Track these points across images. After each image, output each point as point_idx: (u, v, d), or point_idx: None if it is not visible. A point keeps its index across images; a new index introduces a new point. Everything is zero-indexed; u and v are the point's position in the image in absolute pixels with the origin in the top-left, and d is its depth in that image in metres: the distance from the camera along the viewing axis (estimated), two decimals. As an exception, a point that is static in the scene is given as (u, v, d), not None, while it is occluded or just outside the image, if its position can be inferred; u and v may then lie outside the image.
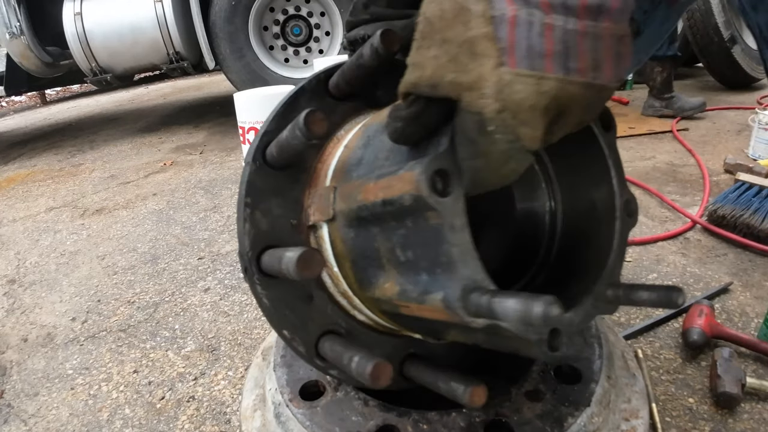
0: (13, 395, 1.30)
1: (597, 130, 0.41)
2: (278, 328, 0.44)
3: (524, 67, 0.28)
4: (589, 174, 0.43)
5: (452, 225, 0.30)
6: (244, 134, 2.63)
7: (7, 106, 7.43)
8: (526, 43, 0.27)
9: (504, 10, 0.27)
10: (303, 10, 3.77)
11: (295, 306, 0.44)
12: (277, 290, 0.45)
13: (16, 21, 3.49)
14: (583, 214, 0.44)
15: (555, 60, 0.27)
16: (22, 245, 2.23)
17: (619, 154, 0.42)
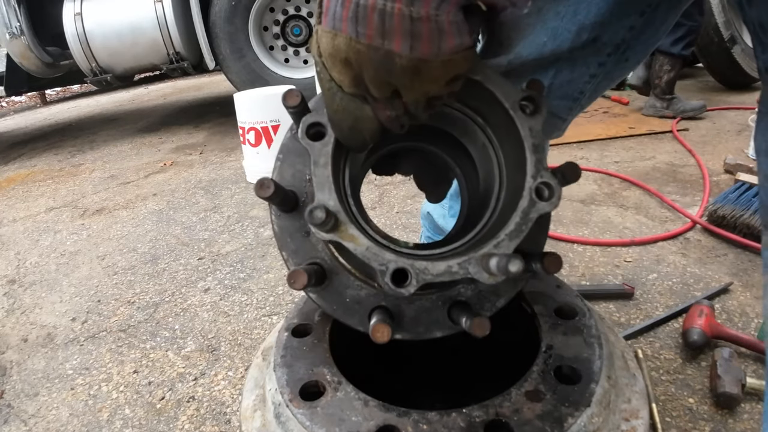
0: (13, 395, 1.30)
1: (515, 114, 0.45)
2: (280, 249, 0.55)
3: (328, 26, 0.38)
4: (517, 159, 0.47)
5: (317, 162, 0.41)
6: (244, 134, 2.64)
7: (7, 106, 7.44)
8: (333, 9, 0.37)
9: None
10: (303, 10, 3.77)
11: (294, 236, 0.54)
12: (285, 221, 0.55)
13: (16, 21, 3.49)
14: (513, 197, 0.48)
15: (348, 23, 0.36)
16: (22, 245, 2.23)
17: (544, 139, 0.45)
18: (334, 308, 0.52)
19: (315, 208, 0.38)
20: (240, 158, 3.00)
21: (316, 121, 0.44)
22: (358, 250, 0.39)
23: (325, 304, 0.53)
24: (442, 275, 0.37)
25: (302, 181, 0.57)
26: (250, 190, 2.54)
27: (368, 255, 0.38)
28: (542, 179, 0.41)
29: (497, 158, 0.53)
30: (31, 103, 7.45)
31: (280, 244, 0.54)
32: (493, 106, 0.47)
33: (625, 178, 2.18)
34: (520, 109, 0.45)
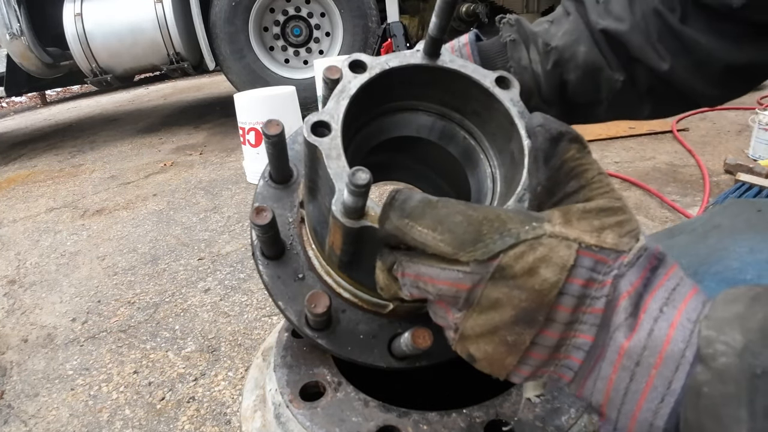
0: (13, 396, 1.30)
1: (496, 90, 0.46)
2: (275, 300, 0.51)
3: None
4: (504, 131, 0.47)
5: (329, 155, 0.40)
6: (244, 135, 2.64)
7: (8, 106, 7.44)
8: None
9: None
10: (303, 10, 3.77)
11: (288, 282, 0.52)
12: (274, 269, 0.52)
13: (16, 22, 3.49)
14: (510, 167, 0.48)
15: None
16: (23, 246, 2.23)
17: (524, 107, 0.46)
18: (348, 349, 0.49)
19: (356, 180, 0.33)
20: (240, 159, 3.00)
21: (319, 120, 0.43)
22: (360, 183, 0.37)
23: (338, 348, 0.49)
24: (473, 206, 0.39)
25: (284, 225, 0.54)
26: (251, 191, 2.54)
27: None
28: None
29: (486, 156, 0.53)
30: (31, 104, 7.45)
31: (273, 293, 0.51)
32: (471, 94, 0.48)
33: (625, 179, 2.18)
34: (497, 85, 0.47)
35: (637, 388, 0.31)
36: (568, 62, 0.59)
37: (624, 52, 0.57)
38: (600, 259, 0.33)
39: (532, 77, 0.61)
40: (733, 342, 0.28)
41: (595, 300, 0.33)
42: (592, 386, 0.34)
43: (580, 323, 0.33)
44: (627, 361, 0.32)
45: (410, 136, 0.55)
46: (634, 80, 0.58)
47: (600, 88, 0.59)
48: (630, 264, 0.33)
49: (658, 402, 0.30)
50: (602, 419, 0.34)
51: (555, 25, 0.62)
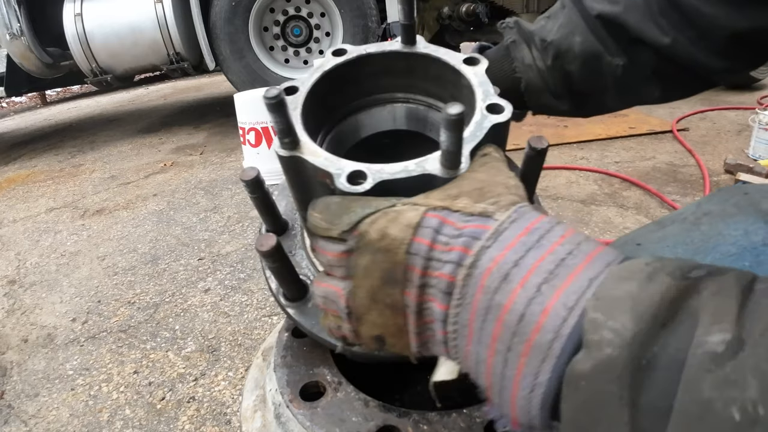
0: (13, 396, 1.30)
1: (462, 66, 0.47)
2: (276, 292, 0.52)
3: None
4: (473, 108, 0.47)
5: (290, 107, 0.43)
6: (244, 135, 2.64)
7: (8, 106, 7.44)
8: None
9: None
10: (303, 10, 3.77)
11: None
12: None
13: (16, 22, 3.49)
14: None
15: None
16: (23, 246, 2.23)
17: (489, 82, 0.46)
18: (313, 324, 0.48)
19: (279, 125, 0.40)
20: (240, 159, 3.00)
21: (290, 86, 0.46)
22: (317, 161, 0.40)
23: (304, 321, 0.48)
24: (399, 173, 0.37)
25: (294, 210, 0.56)
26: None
27: (326, 163, 0.39)
28: (491, 101, 0.42)
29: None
30: (31, 104, 7.45)
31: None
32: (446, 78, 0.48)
33: (625, 178, 2.18)
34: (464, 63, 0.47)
35: (510, 374, 0.29)
36: (566, 54, 0.60)
37: (622, 35, 0.57)
38: (446, 220, 0.33)
39: (537, 74, 0.61)
40: (623, 329, 0.24)
41: (442, 264, 0.32)
42: (475, 368, 0.32)
43: (430, 287, 0.33)
44: (500, 345, 0.29)
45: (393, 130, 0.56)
46: (637, 62, 0.58)
47: (602, 75, 0.59)
48: (497, 233, 0.31)
49: (529, 391, 0.28)
50: (489, 403, 0.32)
51: (551, 20, 0.63)
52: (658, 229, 0.56)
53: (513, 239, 0.30)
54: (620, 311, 0.25)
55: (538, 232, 0.30)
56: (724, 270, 0.26)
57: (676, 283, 0.25)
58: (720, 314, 0.23)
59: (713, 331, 0.22)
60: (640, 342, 0.24)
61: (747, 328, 0.22)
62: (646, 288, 0.25)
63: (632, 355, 0.24)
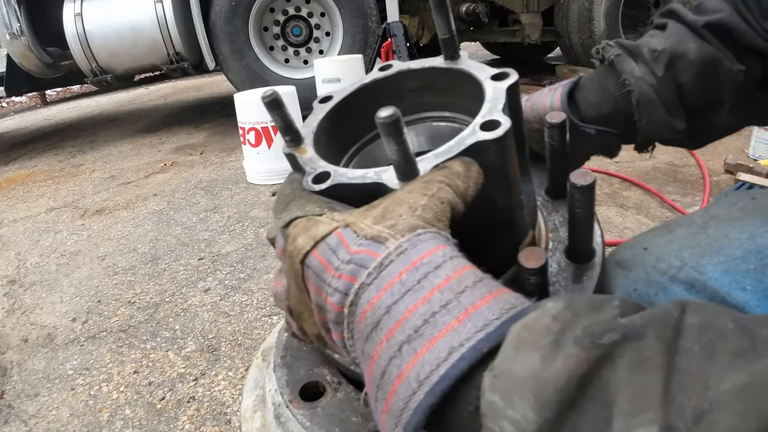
0: (13, 396, 1.30)
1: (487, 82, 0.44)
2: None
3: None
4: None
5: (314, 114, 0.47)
6: (244, 135, 2.64)
7: (8, 106, 7.44)
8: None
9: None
10: (303, 10, 3.77)
11: None
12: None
13: (16, 22, 3.49)
14: None
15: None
16: (23, 246, 2.23)
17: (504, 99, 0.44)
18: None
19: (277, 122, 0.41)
20: (240, 158, 3.00)
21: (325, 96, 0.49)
22: (302, 158, 0.41)
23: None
24: (356, 179, 0.38)
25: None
26: (251, 191, 2.54)
27: (306, 161, 0.41)
28: (489, 117, 0.39)
29: None
30: (31, 104, 7.45)
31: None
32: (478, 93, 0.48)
33: (625, 178, 2.18)
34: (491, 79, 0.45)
35: (379, 418, 0.27)
36: (680, 61, 0.55)
37: (734, 42, 0.53)
38: (342, 240, 0.31)
39: (650, 87, 0.57)
40: (523, 421, 0.21)
41: (332, 291, 0.30)
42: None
43: (326, 311, 0.31)
44: (372, 387, 0.27)
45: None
46: (751, 71, 0.54)
47: (720, 84, 0.55)
48: (380, 267, 0.28)
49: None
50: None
51: (655, 37, 0.58)
52: (666, 232, 0.55)
53: (394, 277, 0.28)
54: (520, 396, 0.21)
55: (422, 270, 0.28)
56: (643, 328, 0.21)
57: (585, 354, 0.21)
58: (641, 397, 0.19)
59: (635, 424, 0.18)
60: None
61: (676, 407, 0.18)
62: (549, 363, 0.21)
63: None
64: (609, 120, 0.59)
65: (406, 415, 0.24)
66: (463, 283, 0.27)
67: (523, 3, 4.53)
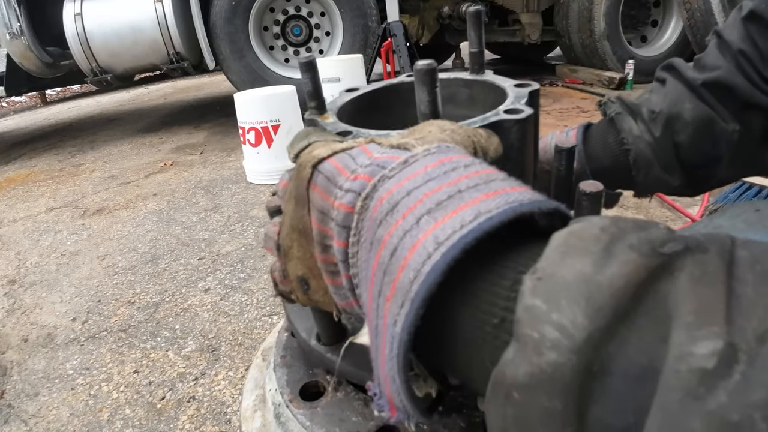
0: (13, 395, 1.30)
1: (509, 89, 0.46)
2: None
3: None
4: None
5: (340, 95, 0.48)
6: (244, 134, 2.64)
7: (8, 106, 7.44)
8: None
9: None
10: (303, 10, 3.77)
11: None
12: None
13: (16, 21, 3.49)
14: None
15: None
16: (23, 245, 2.23)
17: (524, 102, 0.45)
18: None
19: (306, 86, 0.42)
20: (240, 158, 3.00)
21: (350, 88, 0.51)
22: (324, 123, 0.42)
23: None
24: (380, 135, 0.38)
25: None
26: (251, 190, 2.54)
27: (329, 126, 0.41)
28: (515, 106, 0.40)
29: None
30: (31, 104, 7.45)
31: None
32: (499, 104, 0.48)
33: (625, 178, 2.17)
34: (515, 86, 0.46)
35: (380, 326, 0.24)
36: (676, 122, 0.57)
37: (733, 100, 0.54)
38: (365, 149, 0.30)
39: (648, 146, 0.58)
40: (573, 327, 0.18)
41: (343, 193, 0.28)
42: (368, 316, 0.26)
43: (330, 219, 0.28)
44: (375, 288, 0.24)
45: None
46: (750, 128, 0.55)
47: (716, 143, 0.56)
48: (405, 164, 0.27)
49: (390, 350, 0.23)
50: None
51: (654, 94, 0.60)
52: None
53: (419, 170, 0.26)
54: (569, 300, 0.19)
55: (452, 165, 0.25)
56: (706, 241, 0.20)
57: (644, 261, 0.19)
58: (706, 311, 0.17)
59: (699, 337, 0.17)
60: (594, 345, 0.18)
61: (738, 327, 0.17)
62: (604, 267, 0.19)
63: (584, 363, 0.18)
64: (609, 172, 0.62)
65: (416, 284, 0.21)
66: (495, 176, 0.25)
67: (523, 3, 4.53)
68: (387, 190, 0.25)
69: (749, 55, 0.53)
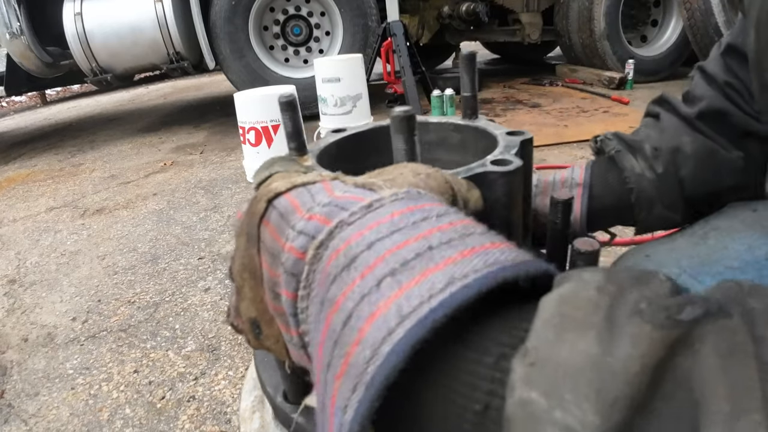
0: (13, 395, 1.30)
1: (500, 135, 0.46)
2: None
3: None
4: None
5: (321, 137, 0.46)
6: (244, 134, 2.63)
7: (8, 106, 7.44)
8: None
9: None
10: (303, 10, 3.77)
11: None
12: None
13: (16, 21, 3.49)
14: None
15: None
16: (23, 245, 2.23)
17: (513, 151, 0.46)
18: None
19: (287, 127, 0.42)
20: (240, 158, 3.00)
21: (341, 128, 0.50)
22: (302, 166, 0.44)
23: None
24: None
25: None
26: (251, 190, 2.53)
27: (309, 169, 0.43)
28: (503, 157, 0.39)
29: None
30: (31, 103, 7.45)
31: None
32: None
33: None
34: (506, 134, 0.46)
35: (327, 406, 0.20)
36: (677, 156, 0.56)
37: (729, 128, 0.54)
38: (327, 187, 0.27)
39: (650, 184, 0.57)
40: (582, 429, 0.15)
41: (296, 235, 0.24)
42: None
43: (280, 263, 0.25)
44: (324, 359, 0.21)
45: None
46: (751, 155, 0.54)
47: (720, 173, 0.55)
48: (369, 208, 0.23)
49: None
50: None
51: (651, 129, 0.60)
52: (668, 241, 0.55)
53: (384, 217, 0.22)
54: (575, 393, 0.15)
55: (423, 214, 0.22)
56: (726, 305, 0.16)
57: (660, 334, 0.16)
58: (741, 395, 0.14)
59: (740, 430, 0.14)
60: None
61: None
62: (612, 345, 0.16)
63: None
64: (611, 212, 0.61)
65: (373, 365, 0.18)
66: (472, 229, 0.22)
67: (523, 2, 4.53)
68: (344, 240, 0.22)
69: (735, 86, 0.53)
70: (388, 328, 0.18)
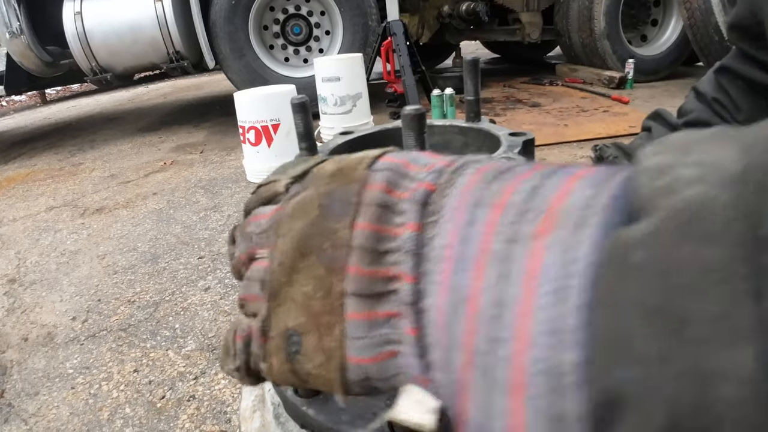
0: (13, 394, 1.30)
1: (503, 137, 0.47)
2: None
3: None
4: None
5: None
6: (244, 133, 2.64)
7: (7, 105, 7.43)
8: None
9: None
10: (303, 9, 3.76)
11: None
12: None
13: (16, 20, 3.48)
14: None
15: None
16: (23, 245, 2.23)
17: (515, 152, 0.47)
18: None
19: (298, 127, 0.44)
20: (240, 157, 3.00)
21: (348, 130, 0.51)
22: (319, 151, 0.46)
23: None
24: None
25: None
26: (251, 189, 2.53)
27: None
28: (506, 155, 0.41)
29: None
30: (31, 103, 7.44)
31: None
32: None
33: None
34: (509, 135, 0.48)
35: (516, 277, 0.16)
36: None
37: None
38: (410, 152, 0.25)
39: None
40: (720, 160, 0.13)
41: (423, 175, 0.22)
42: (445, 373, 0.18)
43: (395, 212, 0.22)
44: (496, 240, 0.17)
45: None
46: None
47: None
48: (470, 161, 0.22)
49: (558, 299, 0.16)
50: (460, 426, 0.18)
51: (646, 140, 0.63)
52: None
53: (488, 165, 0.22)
54: (709, 144, 0.14)
55: (507, 165, 0.22)
56: None
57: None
58: None
59: None
60: (755, 188, 0.12)
61: None
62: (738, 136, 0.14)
63: (743, 203, 0.12)
64: None
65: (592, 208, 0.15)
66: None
67: (523, 2, 4.52)
68: (477, 170, 0.20)
69: (723, 102, 0.55)
70: (587, 195, 0.16)
